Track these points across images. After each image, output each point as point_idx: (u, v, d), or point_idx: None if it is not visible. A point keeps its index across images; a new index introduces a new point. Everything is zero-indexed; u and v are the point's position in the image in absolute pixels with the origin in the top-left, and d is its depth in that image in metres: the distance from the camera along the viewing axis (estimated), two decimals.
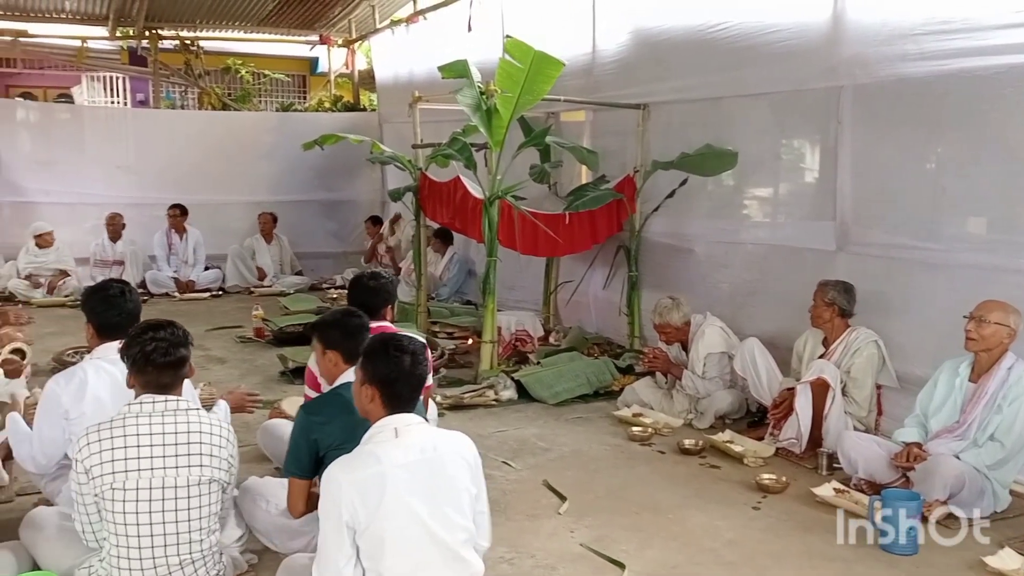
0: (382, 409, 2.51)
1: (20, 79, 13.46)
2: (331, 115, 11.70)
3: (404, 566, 2.39)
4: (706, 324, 5.04)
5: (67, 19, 11.44)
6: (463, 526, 2.49)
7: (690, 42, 5.91)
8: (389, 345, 2.54)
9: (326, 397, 3.08)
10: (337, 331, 3.16)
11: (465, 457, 2.54)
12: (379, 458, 2.41)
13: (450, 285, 8.69)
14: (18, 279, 8.86)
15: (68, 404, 3.18)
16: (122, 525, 2.58)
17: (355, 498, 2.35)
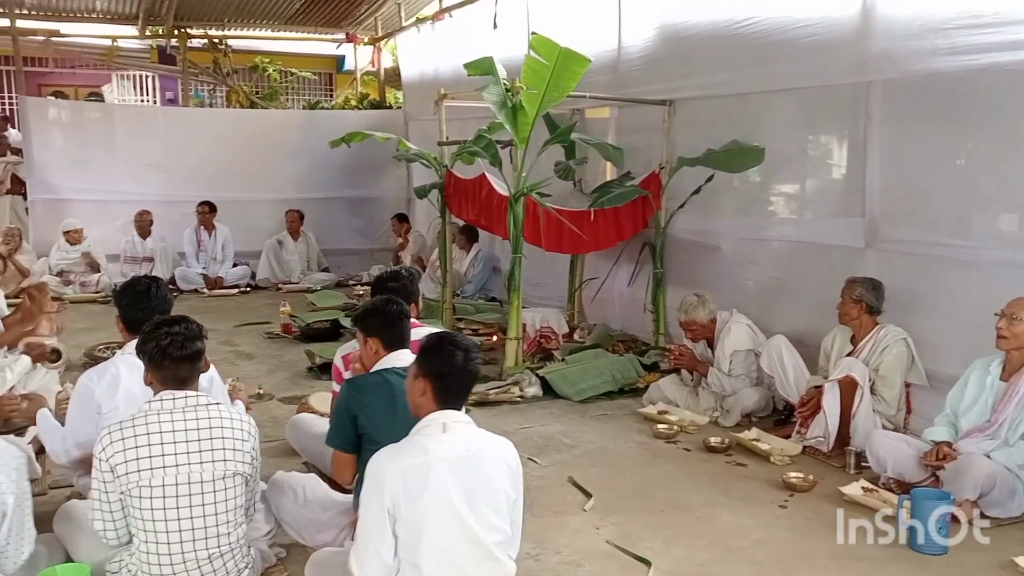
0: (432, 403, 2.55)
1: (52, 78, 13.65)
2: (357, 113, 11.76)
3: (439, 559, 2.41)
4: (732, 321, 5.02)
5: (97, 19, 11.59)
6: (499, 527, 2.51)
7: (717, 37, 5.87)
8: (444, 340, 2.59)
9: (373, 377, 3.08)
10: (377, 318, 3.16)
11: (508, 461, 2.57)
12: (426, 449, 2.45)
13: (475, 282, 8.71)
14: (50, 275, 9.00)
15: (101, 399, 3.22)
16: (150, 521, 2.60)
17: (398, 485, 2.38)
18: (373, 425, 2.94)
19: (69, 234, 9.16)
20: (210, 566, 2.67)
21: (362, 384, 3.08)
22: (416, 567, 2.41)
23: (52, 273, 9.03)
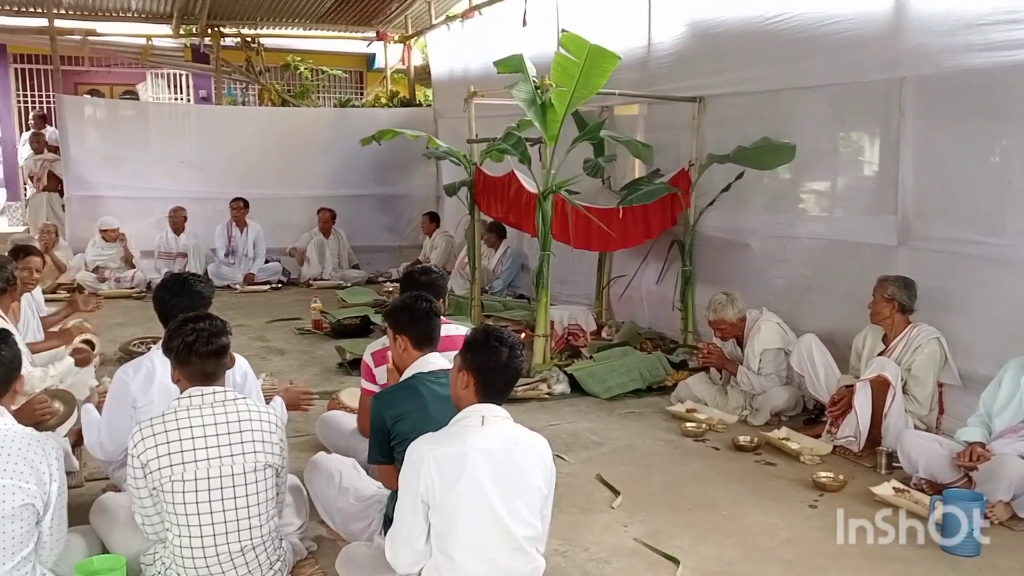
0: (474, 397, 2.58)
1: (88, 76, 13.85)
2: (387, 111, 11.83)
3: (471, 549, 2.45)
4: (762, 320, 4.99)
5: (133, 18, 11.77)
6: (531, 522, 2.53)
7: (748, 34, 5.84)
8: (491, 336, 2.61)
9: (403, 389, 3.08)
10: (406, 315, 3.16)
11: (543, 459, 2.59)
12: (464, 440, 2.49)
13: (502, 278, 8.74)
14: (86, 271, 9.17)
15: (136, 393, 3.29)
16: (183, 515, 2.65)
17: (434, 472, 2.42)
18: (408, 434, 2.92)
19: (106, 233, 9.32)
20: (243, 558, 2.71)
21: (391, 398, 3.05)
22: (448, 556, 2.44)
23: (88, 269, 9.20)
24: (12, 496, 2.42)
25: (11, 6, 10.98)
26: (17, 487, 2.43)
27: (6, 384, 2.62)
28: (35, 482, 2.46)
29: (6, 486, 2.42)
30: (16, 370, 2.67)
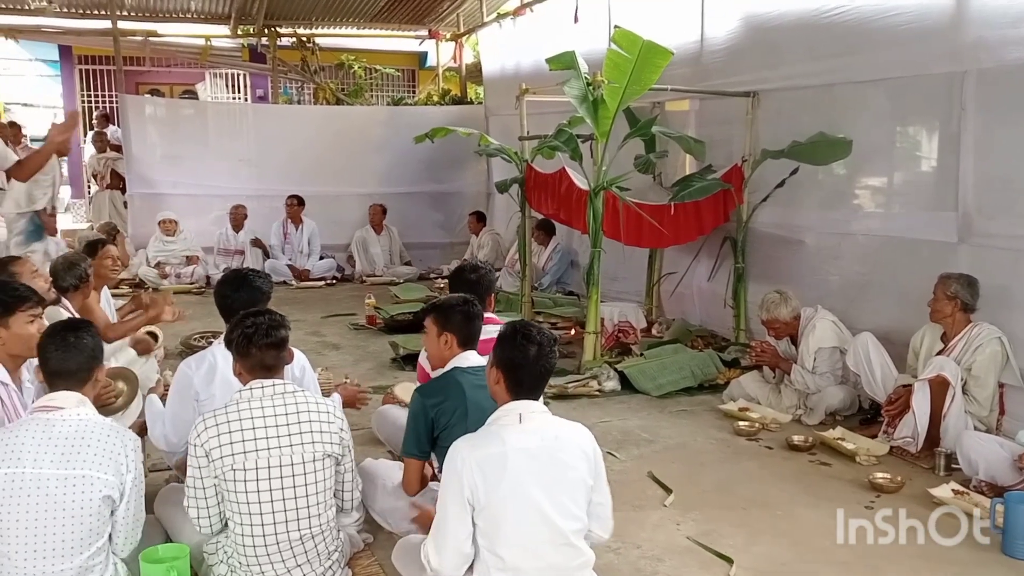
0: (506, 393, 2.59)
1: (149, 76, 14.18)
2: (439, 108, 11.91)
3: (518, 547, 2.46)
4: (817, 318, 4.92)
5: (192, 19, 12.05)
6: (577, 515, 2.53)
7: (803, 27, 5.76)
8: (519, 333, 2.62)
9: (440, 380, 3.18)
10: (458, 314, 3.22)
11: (584, 448, 2.58)
12: (503, 440, 2.49)
13: (551, 275, 8.75)
14: (148, 267, 9.44)
15: (199, 386, 3.38)
16: (244, 504, 2.71)
17: (476, 475, 2.43)
18: (448, 425, 3.02)
19: (164, 224, 9.59)
20: (301, 547, 2.77)
21: (433, 388, 3.16)
22: (496, 555, 2.46)
23: (150, 265, 9.47)
24: (91, 487, 2.48)
25: (76, 8, 11.33)
26: (97, 478, 2.49)
27: (88, 372, 2.68)
28: (113, 472, 2.53)
29: (86, 477, 2.48)
30: (97, 359, 2.73)
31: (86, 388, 2.69)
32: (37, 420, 2.57)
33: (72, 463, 2.49)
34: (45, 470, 2.47)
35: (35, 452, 2.48)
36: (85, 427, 2.56)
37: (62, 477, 2.47)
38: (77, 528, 2.49)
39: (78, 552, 2.50)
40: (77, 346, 2.66)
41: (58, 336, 2.69)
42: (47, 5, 10.98)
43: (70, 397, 2.62)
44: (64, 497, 2.47)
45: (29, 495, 2.45)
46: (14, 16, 11.23)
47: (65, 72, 14.27)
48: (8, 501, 2.45)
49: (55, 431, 2.52)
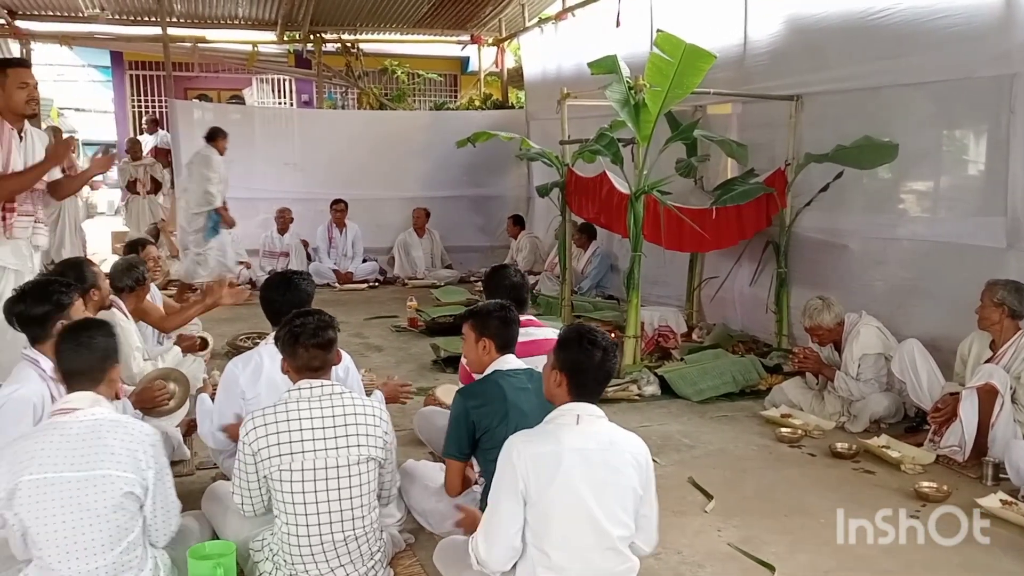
0: (567, 395, 2.60)
1: (197, 82, 14.48)
2: (481, 113, 11.99)
3: (565, 547, 2.46)
4: (861, 324, 4.86)
5: (240, 25, 12.29)
6: (625, 522, 2.53)
7: (848, 29, 5.70)
8: (584, 337, 2.62)
9: (481, 383, 3.21)
10: (497, 320, 3.26)
11: (637, 458, 2.58)
12: (559, 439, 2.50)
13: (591, 279, 8.75)
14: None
15: (245, 385, 3.45)
16: (290, 504, 2.75)
17: (530, 470, 2.45)
18: (489, 428, 3.05)
19: None
20: (345, 548, 2.81)
21: (474, 391, 3.19)
22: (543, 552, 2.46)
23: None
24: (112, 486, 2.51)
25: (128, 15, 11.63)
26: (117, 476, 2.52)
27: (100, 371, 2.70)
28: (132, 470, 2.55)
29: (106, 476, 2.51)
30: (110, 359, 2.74)
31: (101, 387, 2.71)
32: (54, 424, 2.58)
33: (91, 464, 2.51)
34: (66, 473, 2.48)
35: (54, 457, 2.50)
36: (100, 427, 2.57)
37: (82, 479, 2.49)
38: (104, 526, 2.52)
39: (109, 549, 2.53)
40: (89, 345, 2.68)
41: (71, 335, 2.72)
42: (100, 12, 11.30)
43: (84, 397, 2.64)
44: (87, 498, 2.49)
45: (53, 499, 2.47)
46: (69, 23, 11.55)
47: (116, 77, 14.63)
48: (35, 507, 2.47)
49: (71, 433, 2.54)
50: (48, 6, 11.12)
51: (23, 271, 4.33)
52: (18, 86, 4.25)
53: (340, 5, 11.52)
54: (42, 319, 3.16)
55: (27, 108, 4.31)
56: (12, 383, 3.09)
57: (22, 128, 4.36)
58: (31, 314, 3.17)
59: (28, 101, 4.29)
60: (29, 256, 4.42)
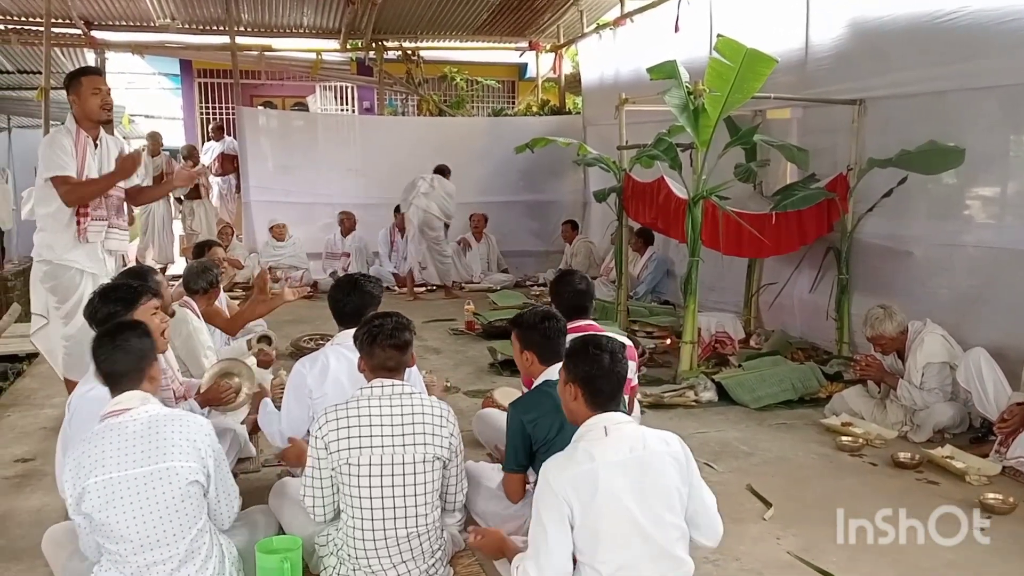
0: (586, 408, 2.62)
1: (263, 90, 14.81)
2: (538, 119, 12.04)
3: (616, 561, 2.47)
4: (925, 332, 4.77)
5: (305, 34, 12.55)
6: (675, 524, 2.53)
7: (915, 32, 5.61)
8: (588, 345, 2.65)
9: (533, 395, 3.26)
10: (537, 334, 3.32)
11: (674, 455, 2.57)
12: (592, 456, 2.50)
13: (646, 283, 8.74)
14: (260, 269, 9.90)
15: (312, 385, 3.55)
16: (356, 498, 2.84)
17: (570, 493, 2.45)
18: (547, 440, 3.09)
19: (274, 228, 10.06)
20: (407, 544, 2.88)
21: (527, 404, 3.24)
22: (595, 569, 2.48)
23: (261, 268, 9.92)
24: (177, 476, 2.61)
25: (197, 25, 11.99)
26: (180, 467, 2.60)
27: (138, 371, 2.76)
28: (194, 459, 2.65)
29: (170, 468, 2.59)
30: (146, 358, 2.79)
31: (144, 386, 2.78)
32: (110, 426, 2.65)
33: (153, 458, 2.59)
34: (131, 471, 2.57)
35: (117, 456, 2.58)
36: (156, 422, 2.66)
37: (148, 474, 2.57)
38: (174, 517, 2.61)
39: (181, 537, 2.63)
40: (123, 348, 2.75)
41: (106, 338, 2.79)
42: (171, 22, 11.67)
43: (134, 397, 2.72)
44: (155, 492, 2.57)
45: (122, 497, 2.56)
46: (141, 33, 11.96)
47: (186, 85, 15.04)
48: (106, 507, 2.56)
49: (128, 431, 2.62)
50: (122, 16, 11.52)
51: (99, 274, 4.53)
52: (92, 92, 4.47)
53: (402, 14, 11.70)
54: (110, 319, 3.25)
55: (101, 114, 4.52)
56: (86, 383, 3.22)
57: (97, 136, 4.57)
58: (100, 315, 3.31)
59: (102, 107, 4.50)
60: (103, 260, 4.62)
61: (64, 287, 4.51)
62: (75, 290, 4.49)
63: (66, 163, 4.40)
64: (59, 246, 4.48)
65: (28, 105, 11.60)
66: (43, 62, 9.44)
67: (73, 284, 4.51)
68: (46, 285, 4.56)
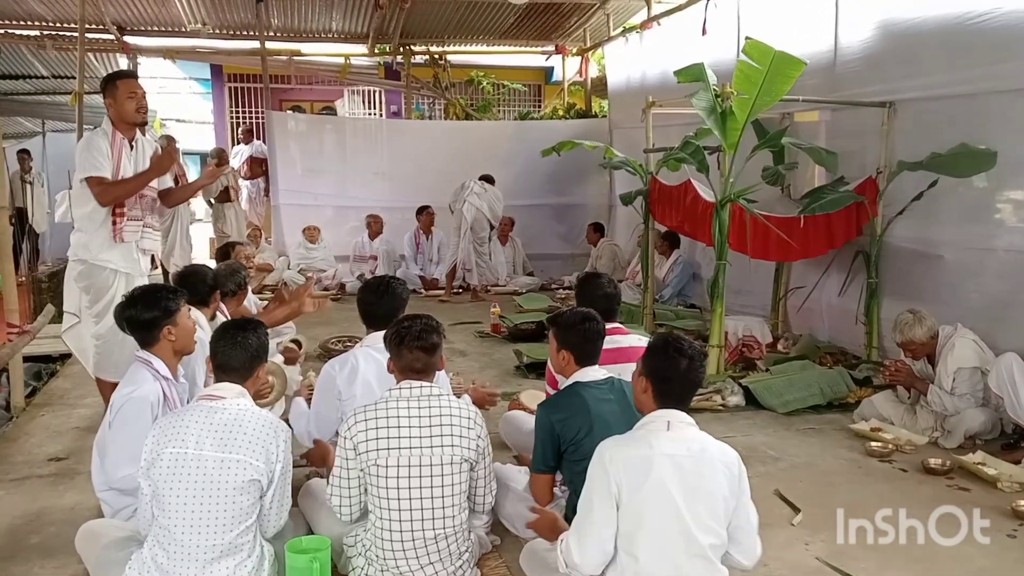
0: (653, 402, 2.64)
1: (292, 94, 14.96)
2: (564, 122, 12.07)
3: (655, 552, 2.47)
4: (957, 336, 4.71)
5: (333, 38, 12.67)
6: (715, 530, 2.52)
7: (945, 34, 5.56)
8: (670, 346, 2.65)
9: (563, 396, 3.26)
10: (575, 334, 3.31)
11: (728, 465, 2.57)
12: (650, 444, 2.53)
13: (672, 286, 8.72)
14: (290, 271, 10.01)
15: (341, 386, 3.60)
16: (384, 499, 2.86)
17: (622, 473, 2.48)
18: (575, 440, 3.09)
19: (308, 231, 10.17)
20: (435, 546, 2.89)
21: (558, 404, 3.24)
22: (633, 556, 2.48)
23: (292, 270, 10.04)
24: (243, 471, 2.70)
25: (228, 30, 12.15)
26: (248, 463, 2.71)
27: (250, 368, 2.93)
28: (263, 460, 2.74)
29: (239, 461, 2.70)
30: (259, 358, 2.96)
31: (248, 382, 2.94)
32: (202, 407, 2.80)
33: (229, 447, 2.71)
34: (206, 452, 2.69)
35: (198, 435, 2.72)
36: (243, 416, 2.78)
37: (219, 459, 2.69)
38: (230, 507, 2.69)
39: (229, 529, 2.70)
40: (243, 344, 2.92)
41: (228, 333, 2.96)
42: (202, 27, 11.84)
43: (232, 388, 2.88)
44: (220, 477, 2.68)
45: (190, 473, 2.68)
46: (173, 38, 12.15)
47: (216, 90, 15.23)
48: (172, 478, 2.68)
49: (216, 417, 2.75)
50: (154, 21, 11.71)
51: (133, 274, 4.62)
52: (128, 96, 4.55)
53: (429, 18, 11.78)
54: (150, 324, 3.34)
55: (137, 116, 4.60)
56: (128, 384, 3.29)
57: (133, 137, 4.65)
58: (140, 319, 3.35)
59: (138, 110, 4.58)
60: (138, 260, 4.69)
61: (97, 287, 4.59)
62: (108, 290, 4.57)
63: (101, 164, 4.48)
64: (94, 246, 4.55)
65: (62, 109, 11.81)
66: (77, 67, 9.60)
67: (106, 285, 4.58)
68: (80, 284, 4.64)
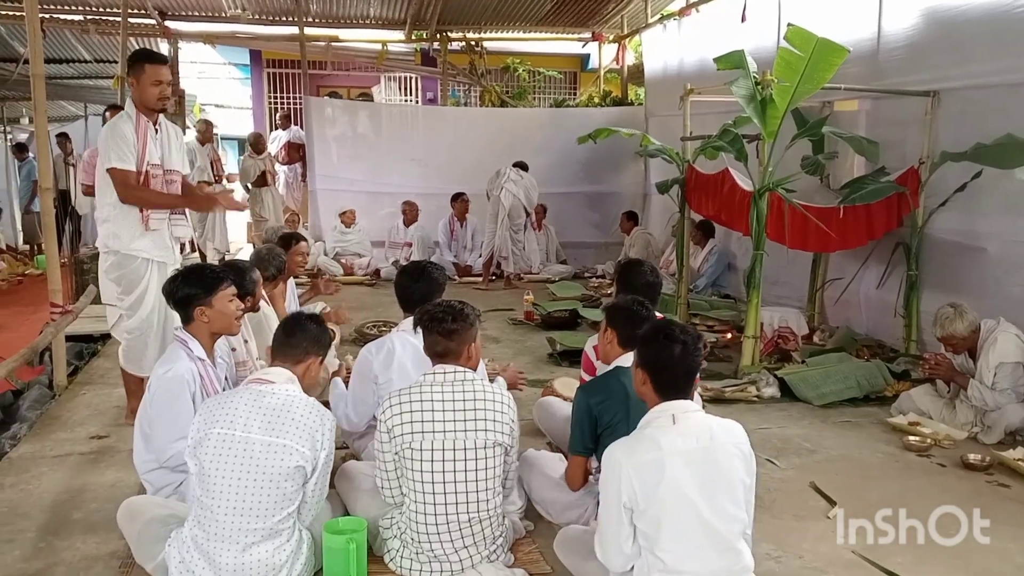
0: (654, 394, 2.61)
1: (329, 80, 15.04)
2: (600, 110, 12.00)
3: (678, 551, 2.46)
4: (999, 330, 4.62)
5: (371, 24, 12.73)
6: (738, 517, 2.52)
7: (992, 22, 5.44)
8: (661, 333, 2.62)
9: (603, 379, 3.28)
10: (622, 315, 3.33)
11: (740, 447, 2.56)
12: (659, 444, 2.49)
13: (707, 276, 8.66)
14: (325, 256, 10.10)
15: (378, 370, 3.64)
16: (419, 483, 2.89)
17: (634, 481, 2.46)
18: (612, 423, 3.10)
19: (344, 215, 10.25)
20: (469, 530, 2.92)
21: (596, 387, 3.25)
22: (657, 557, 2.48)
23: (328, 255, 10.12)
24: (289, 456, 2.72)
25: (267, 15, 12.25)
26: (294, 449, 2.72)
27: (303, 354, 2.99)
28: (309, 447, 2.76)
29: (286, 446, 2.71)
30: (315, 346, 3.03)
31: (298, 368, 2.98)
32: (251, 390, 2.83)
33: (276, 432, 2.72)
34: (253, 435, 2.71)
35: (246, 417, 2.74)
36: (291, 402, 2.79)
37: (266, 443, 2.70)
38: (273, 492, 2.70)
39: (271, 515, 2.72)
40: (303, 328, 3.02)
41: (290, 319, 3.09)
42: (241, 12, 11.95)
43: (282, 373, 2.92)
44: (265, 461, 2.69)
45: (236, 455, 2.70)
46: (212, 23, 12.27)
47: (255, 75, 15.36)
48: (217, 459, 2.70)
49: (265, 401, 2.77)
50: (195, 7, 11.84)
51: (167, 262, 4.50)
52: (153, 82, 4.37)
53: (466, 4, 11.77)
54: (184, 301, 3.40)
55: (156, 104, 4.43)
56: (164, 364, 3.34)
57: (156, 120, 4.50)
58: (177, 295, 3.42)
59: (159, 98, 4.42)
60: (171, 248, 4.59)
61: (128, 278, 4.45)
62: (139, 281, 4.45)
63: (125, 154, 4.34)
64: (125, 235, 4.42)
65: (104, 93, 12.00)
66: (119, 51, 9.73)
67: (138, 275, 4.45)
68: (111, 276, 4.50)
